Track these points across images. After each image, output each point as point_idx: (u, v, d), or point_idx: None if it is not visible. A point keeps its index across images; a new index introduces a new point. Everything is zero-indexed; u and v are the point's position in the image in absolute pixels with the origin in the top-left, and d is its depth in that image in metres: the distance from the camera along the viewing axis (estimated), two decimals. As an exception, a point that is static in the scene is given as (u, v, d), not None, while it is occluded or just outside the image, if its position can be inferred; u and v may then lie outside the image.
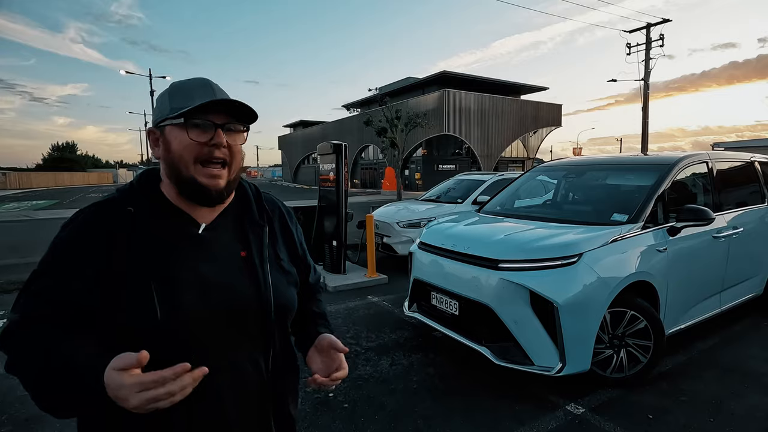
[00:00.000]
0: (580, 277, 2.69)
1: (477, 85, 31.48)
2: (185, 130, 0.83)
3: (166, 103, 0.85)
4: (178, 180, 0.85)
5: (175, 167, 0.84)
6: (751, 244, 3.92)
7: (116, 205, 0.84)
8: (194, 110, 0.81)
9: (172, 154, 0.84)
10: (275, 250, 0.97)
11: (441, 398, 2.83)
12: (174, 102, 0.84)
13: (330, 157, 5.96)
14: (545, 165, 4.74)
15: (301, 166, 48.99)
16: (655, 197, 3.18)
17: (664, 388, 2.90)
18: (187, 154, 0.83)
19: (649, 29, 19.81)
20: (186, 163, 0.84)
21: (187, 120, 0.82)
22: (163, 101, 0.87)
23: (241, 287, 0.88)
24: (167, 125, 0.84)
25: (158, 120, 0.87)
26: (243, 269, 0.90)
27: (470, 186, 7.15)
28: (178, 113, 0.82)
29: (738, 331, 3.85)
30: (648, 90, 20.05)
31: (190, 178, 0.84)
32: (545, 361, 2.69)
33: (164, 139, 0.85)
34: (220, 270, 0.86)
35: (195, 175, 0.84)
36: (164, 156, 0.86)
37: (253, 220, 0.96)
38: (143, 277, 0.78)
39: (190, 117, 0.82)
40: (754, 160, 4.38)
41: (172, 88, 0.88)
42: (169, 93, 0.87)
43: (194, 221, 0.88)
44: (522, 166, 33.94)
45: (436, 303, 3.37)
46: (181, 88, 0.86)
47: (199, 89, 0.85)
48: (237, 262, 0.90)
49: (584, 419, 2.56)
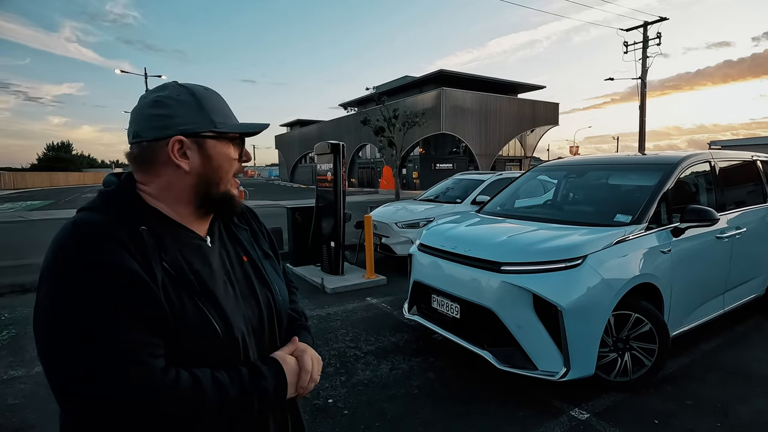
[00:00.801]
0: (585, 280, 2.63)
1: (474, 83, 31.44)
2: (230, 145, 0.83)
3: (198, 113, 0.79)
4: (207, 194, 0.82)
5: (211, 181, 0.82)
6: (754, 245, 3.88)
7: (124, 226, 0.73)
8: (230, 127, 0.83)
9: (213, 168, 0.81)
10: (262, 249, 0.98)
11: (442, 404, 2.77)
12: (212, 114, 0.81)
13: (327, 156, 5.89)
14: (546, 165, 4.69)
15: (298, 165, 48.88)
16: (659, 197, 3.13)
17: (669, 391, 2.85)
18: (230, 169, 0.84)
19: (646, 28, 19.80)
20: (226, 178, 0.84)
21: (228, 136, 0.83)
22: (191, 110, 0.79)
23: (260, 291, 0.89)
24: (210, 138, 0.80)
25: (194, 131, 0.79)
26: (252, 274, 0.91)
27: (469, 186, 7.09)
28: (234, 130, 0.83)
29: (740, 333, 3.81)
30: (645, 88, 20.06)
31: (225, 191, 0.84)
32: (549, 366, 2.64)
33: (203, 152, 0.80)
34: (237, 278, 0.87)
35: (230, 188, 0.85)
36: (199, 169, 0.80)
37: (236, 224, 0.96)
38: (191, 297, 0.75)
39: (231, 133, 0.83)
40: (756, 159, 4.34)
41: (201, 97, 0.80)
42: (200, 102, 0.80)
43: (196, 234, 0.84)
44: (519, 165, 33.94)
45: (437, 306, 3.31)
46: (207, 99, 0.82)
47: (223, 105, 0.85)
48: (245, 267, 0.91)
49: (589, 425, 2.51)
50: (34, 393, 2.97)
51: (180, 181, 0.80)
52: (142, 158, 0.79)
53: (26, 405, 2.83)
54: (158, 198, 0.80)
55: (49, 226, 11.75)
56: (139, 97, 0.82)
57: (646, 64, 19.95)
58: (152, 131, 0.77)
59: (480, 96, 30.26)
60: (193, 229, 0.84)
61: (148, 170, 0.79)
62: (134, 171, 0.81)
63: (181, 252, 0.78)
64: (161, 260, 0.73)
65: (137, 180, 0.81)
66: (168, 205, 0.81)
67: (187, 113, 0.79)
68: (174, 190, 0.80)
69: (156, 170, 0.79)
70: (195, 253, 0.81)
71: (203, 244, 0.85)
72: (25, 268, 6.42)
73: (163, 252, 0.74)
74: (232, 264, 0.88)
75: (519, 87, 35.24)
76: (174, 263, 0.75)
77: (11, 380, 3.16)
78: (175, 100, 0.79)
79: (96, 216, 0.74)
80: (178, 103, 0.79)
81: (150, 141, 0.78)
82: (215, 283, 0.80)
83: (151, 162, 0.78)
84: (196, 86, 0.83)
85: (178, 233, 0.80)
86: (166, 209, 0.81)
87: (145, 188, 0.80)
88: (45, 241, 0.77)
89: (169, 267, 0.74)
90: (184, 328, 0.73)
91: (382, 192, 27.84)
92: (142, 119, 0.78)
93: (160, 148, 0.78)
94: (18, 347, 3.75)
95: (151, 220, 0.77)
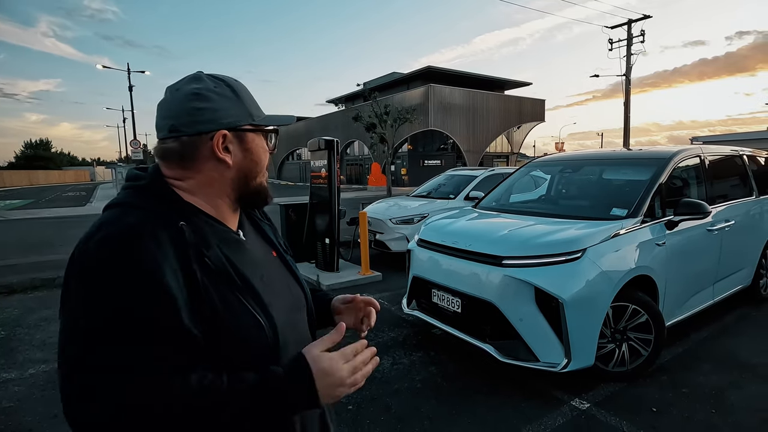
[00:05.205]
0: (585, 273, 2.68)
1: (462, 80, 31.56)
2: (264, 138, 0.84)
3: (241, 106, 0.79)
4: (245, 187, 0.82)
5: (251, 174, 0.82)
6: (741, 237, 3.99)
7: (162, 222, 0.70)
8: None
9: (253, 161, 0.82)
10: (282, 244, 0.98)
11: (445, 397, 2.79)
12: (249, 107, 0.81)
13: (321, 153, 5.85)
14: (540, 160, 4.74)
15: (285, 162, 48.45)
16: (653, 191, 3.20)
17: (665, 380, 2.93)
18: (265, 161, 0.85)
19: (630, 25, 20.11)
20: (262, 170, 0.84)
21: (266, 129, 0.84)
22: (232, 103, 0.78)
23: (291, 286, 0.90)
24: (250, 131, 0.80)
25: (236, 124, 0.78)
26: (282, 268, 0.91)
27: (461, 181, 7.13)
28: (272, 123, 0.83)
29: (729, 322, 3.93)
30: (629, 85, 20.40)
31: (260, 183, 0.84)
32: (550, 358, 2.68)
33: (243, 145, 0.80)
34: (271, 272, 0.86)
35: (264, 180, 0.85)
36: (241, 163, 0.80)
37: (261, 219, 0.96)
38: (232, 292, 0.72)
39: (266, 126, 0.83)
40: (742, 154, 4.47)
41: (238, 89, 0.80)
42: (237, 95, 0.80)
43: (231, 228, 0.83)
44: (506, 161, 34.26)
45: (438, 300, 3.33)
46: (242, 91, 0.82)
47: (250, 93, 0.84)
48: (276, 262, 0.91)
49: (590, 414, 2.56)
50: (29, 395, 2.91)
51: (221, 176, 0.79)
52: (182, 153, 0.76)
53: (21, 408, 2.77)
54: (194, 193, 0.78)
55: (32, 225, 11.45)
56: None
57: (630, 62, 20.29)
58: (195, 125, 0.75)
59: (467, 92, 30.40)
60: (227, 224, 0.82)
61: (187, 165, 0.77)
62: (166, 166, 0.78)
63: (221, 247, 0.75)
64: (203, 256, 0.71)
65: (167, 175, 0.78)
66: (205, 200, 0.79)
67: (231, 107, 0.78)
68: (215, 185, 0.79)
69: (197, 165, 0.77)
70: (234, 248, 0.79)
71: (240, 238, 0.83)
72: (11, 268, 6.25)
73: (204, 248, 0.72)
74: (264, 257, 0.88)
75: (506, 84, 35.50)
76: (215, 259, 0.73)
77: (4, 383, 3.08)
78: (216, 93, 0.77)
79: (133, 212, 0.71)
80: (220, 97, 0.77)
81: (192, 135, 0.75)
82: (254, 277, 0.78)
83: (192, 157, 0.76)
84: (228, 78, 0.81)
85: (216, 228, 0.78)
86: (203, 204, 0.78)
87: (179, 183, 0.77)
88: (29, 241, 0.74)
89: (211, 263, 0.72)
90: (228, 323, 0.70)
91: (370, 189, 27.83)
92: (183, 113, 0.75)
93: (203, 143, 0.76)
94: (9, 349, 3.66)
95: (190, 215, 0.75)
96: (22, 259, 6.91)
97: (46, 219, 13.35)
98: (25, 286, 5.44)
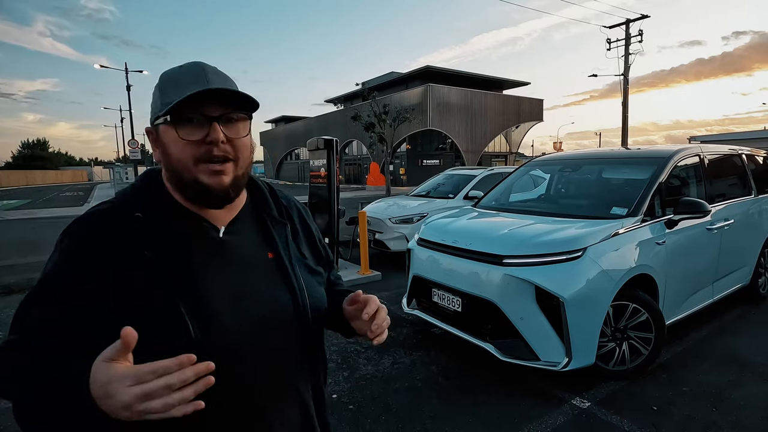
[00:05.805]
0: (586, 272, 2.68)
1: (460, 80, 31.59)
2: (174, 129, 0.71)
3: (158, 98, 0.75)
4: (180, 184, 0.75)
5: (174, 171, 0.74)
6: (740, 236, 4.00)
7: (120, 211, 0.74)
8: (183, 104, 0.69)
9: (169, 157, 0.74)
10: (299, 249, 0.90)
11: (446, 396, 2.79)
12: (165, 96, 0.73)
13: (320, 152, 5.84)
14: (539, 159, 4.74)
15: (283, 162, 48.44)
16: (653, 190, 3.20)
17: (665, 379, 2.93)
18: (185, 156, 0.72)
19: (628, 25, 20.16)
20: (185, 166, 0.73)
21: (178, 116, 0.71)
22: (155, 96, 0.76)
23: (275, 293, 0.81)
24: (161, 124, 0.73)
25: (153, 118, 0.76)
26: (274, 273, 0.83)
27: (461, 181, 7.13)
28: (166, 110, 0.70)
29: (728, 321, 3.93)
30: (627, 85, 20.45)
31: (193, 180, 0.73)
32: (551, 357, 2.68)
33: (159, 140, 0.75)
34: (249, 276, 0.79)
35: (198, 175, 0.73)
36: (163, 159, 0.76)
37: (274, 218, 0.88)
38: (168, 293, 0.69)
39: (181, 112, 0.70)
40: (741, 153, 4.48)
41: (163, 79, 0.76)
42: (161, 86, 0.75)
43: (211, 224, 0.79)
44: (505, 160, 34.29)
45: (438, 300, 3.33)
46: (172, 78, 0.75)
47: (189, 77, 0.73)
48: (265, 265, 0.83)
49: (591, 413, 2.56)
50: (28, 396, 2.89)
51: (164, 172, 0.79)
52: None
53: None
54: (172, 190, 0.79)
55: (29, 226, 11.41)
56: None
57: (628, 61, 20.33)
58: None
59: (466, 92, 30.43)
60: (208, 218, 0.79)
61: None
62: None
63: (178, 241, 0.74)
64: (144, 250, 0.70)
65: None
66: (179, 196, 0.79)
67: (155, 101, 0.76)
68: (170, 181, 0.78)
69: None
70: (202, 244, 0.77)
71: (218, 237, 0.79)
72: (8, 269, 6.23)
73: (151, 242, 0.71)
74: (250, 260, 0.82)
75: (504, 83, 35.54)
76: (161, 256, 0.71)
77: (3, 383, 3.06)
78: (154, 89, 0.78)
79: (110, 202, 0.77)
80: (154, 91, 0.77)
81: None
82: (213, 278, 0.75)
83: None
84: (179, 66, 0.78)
85: (181, 221, 0.77)
86: (183, 200, 0.78)
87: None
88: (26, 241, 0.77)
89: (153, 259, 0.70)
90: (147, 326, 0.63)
91: (369, 188, 27.82)
92: None
93: None
94: (7, 350, 3.64)
95: (158, 208, 0.76)
96: (20, 260, 6.89)
97: (43, 219, 13.31)
98: (22, 286, 5.41)
